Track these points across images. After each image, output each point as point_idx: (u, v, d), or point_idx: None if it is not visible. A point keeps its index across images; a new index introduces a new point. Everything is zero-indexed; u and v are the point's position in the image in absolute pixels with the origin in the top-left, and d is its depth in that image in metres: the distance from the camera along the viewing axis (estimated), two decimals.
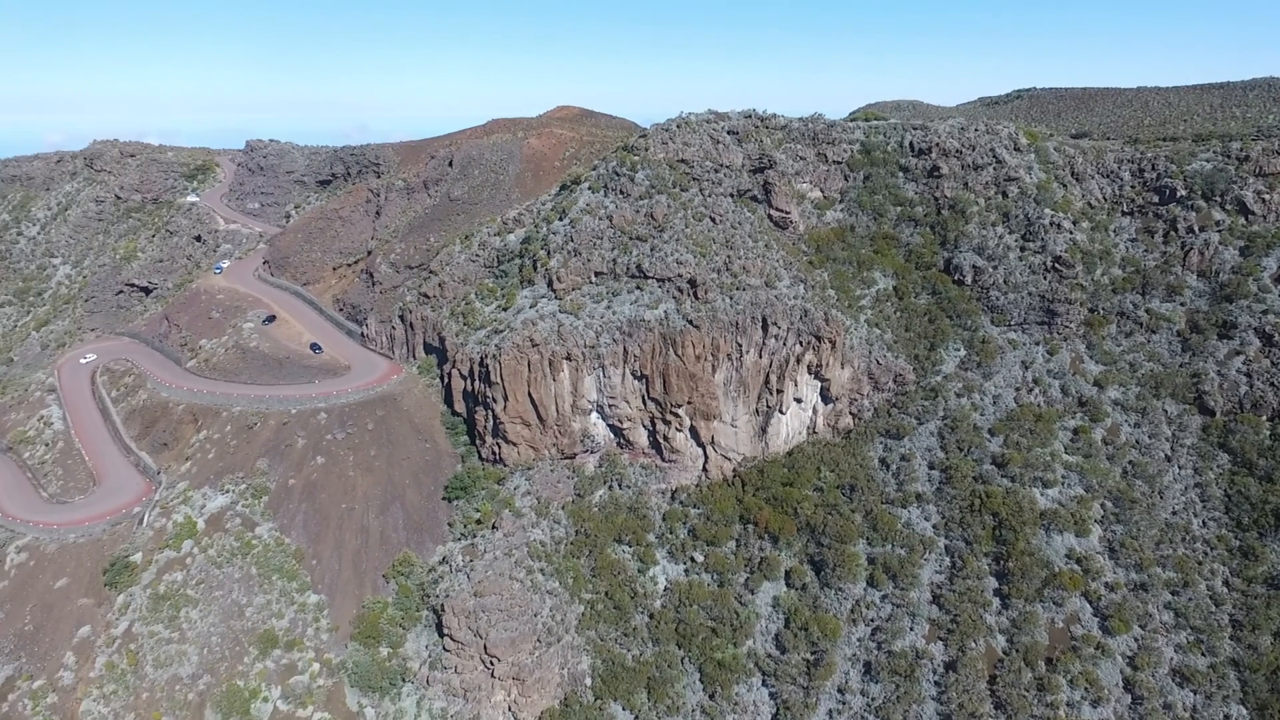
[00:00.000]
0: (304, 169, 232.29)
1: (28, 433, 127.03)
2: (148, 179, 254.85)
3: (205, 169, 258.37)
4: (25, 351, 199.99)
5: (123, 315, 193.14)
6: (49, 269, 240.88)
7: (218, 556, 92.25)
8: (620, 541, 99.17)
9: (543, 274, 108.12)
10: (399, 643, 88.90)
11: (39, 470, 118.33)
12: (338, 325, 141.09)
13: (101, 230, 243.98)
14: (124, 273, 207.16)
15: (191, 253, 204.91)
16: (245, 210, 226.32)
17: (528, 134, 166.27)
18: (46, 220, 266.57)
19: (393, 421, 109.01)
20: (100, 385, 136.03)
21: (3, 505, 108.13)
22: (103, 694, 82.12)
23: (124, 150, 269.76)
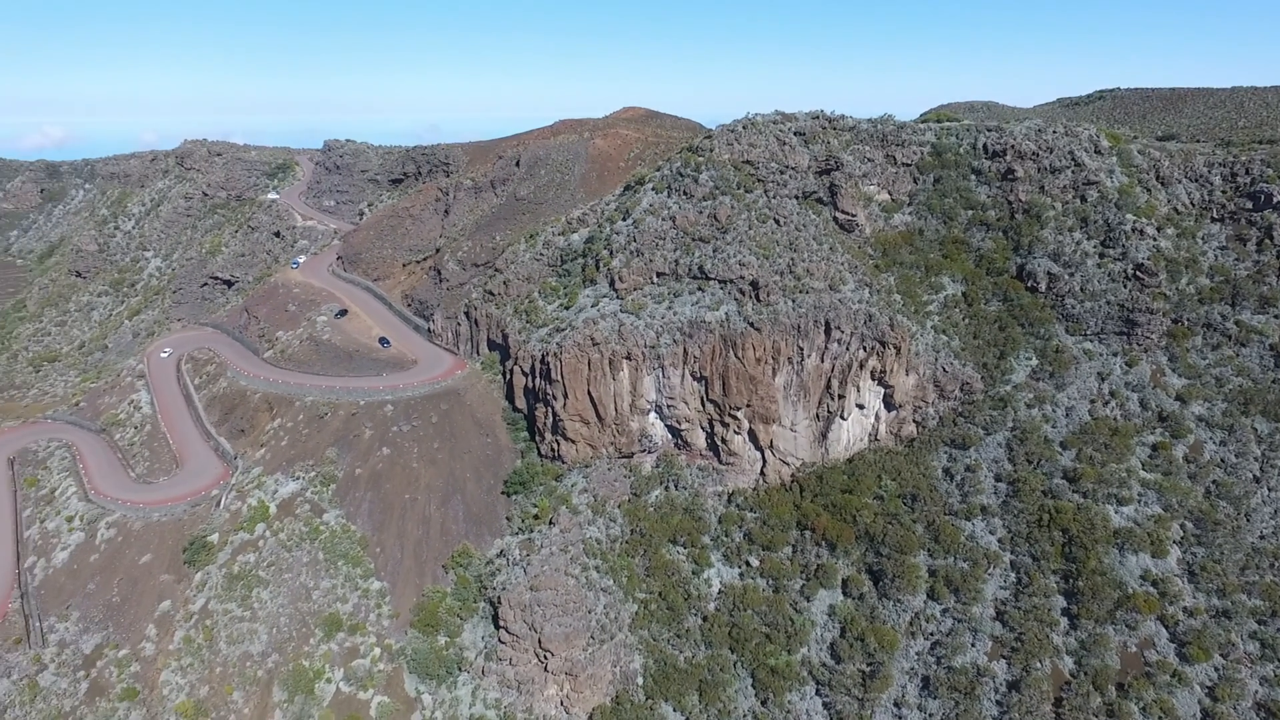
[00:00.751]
0: (377, 168, 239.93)
1: (119, 415, 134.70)
2: (232, 177, 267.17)
3: (286, 167, 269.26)
4: (119, 339, 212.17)
5: (206, 306, 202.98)
6: (142, 261, 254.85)
7: (288, 540, 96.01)
8: (675, 542, 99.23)
9: (605, 274, 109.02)
10: (456, 632, 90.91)
11: (128, 451, 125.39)
12: (406, 320, 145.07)
13: (189, 225, 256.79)
14: (209, 266, 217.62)
15: (271, 248, 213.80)
16: (322, 207, 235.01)
17: (594, 134, 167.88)
18: (141, 215, 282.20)
19: (456, 416, 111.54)
20: (185, 372, 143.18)
21: (96, 483, 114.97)
22: (180, 666, 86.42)
23: (211, 149, 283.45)
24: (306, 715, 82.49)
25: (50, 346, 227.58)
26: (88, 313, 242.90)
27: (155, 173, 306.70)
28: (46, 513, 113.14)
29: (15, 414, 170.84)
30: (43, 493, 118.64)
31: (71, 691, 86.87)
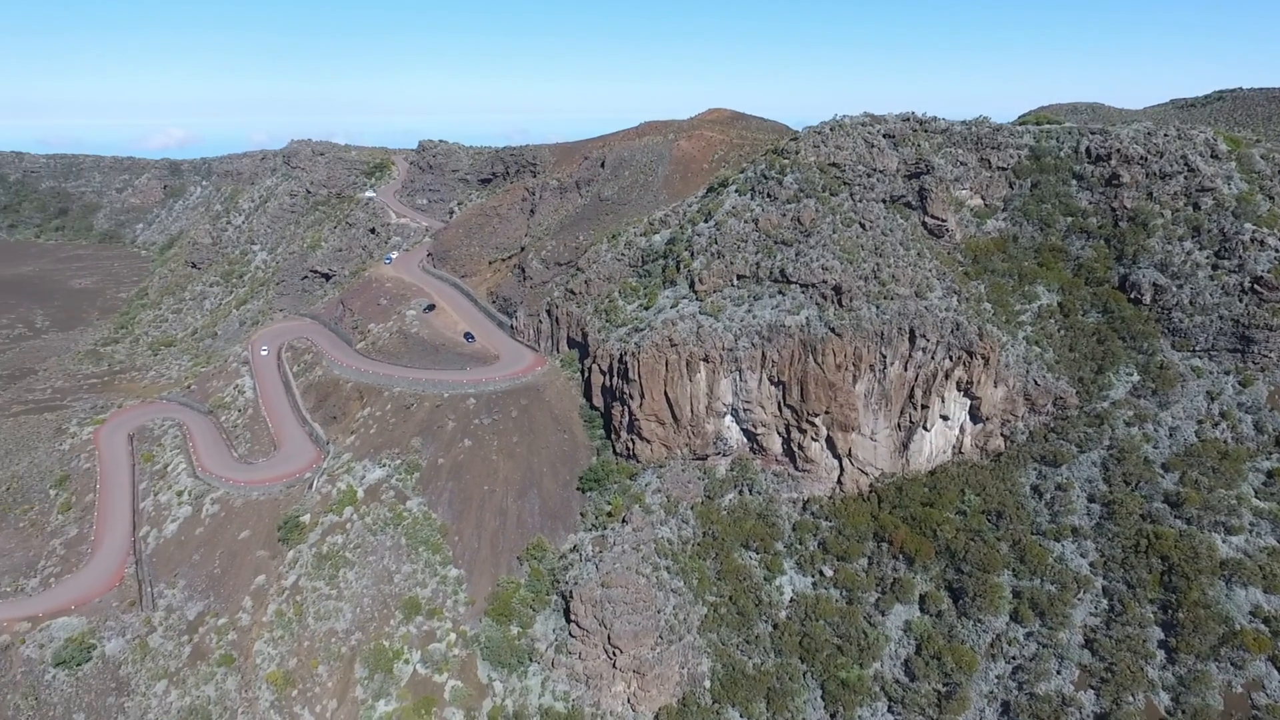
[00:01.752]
0: (468, 168, 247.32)
1: (225, 399, 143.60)
2: (333, 175, 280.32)
3: (382, 167, 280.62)
4: (227, 327, 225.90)
5: (306, 298, 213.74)
6: (250, 254, 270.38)
7: (373, 524, 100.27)
8: (747, 547, 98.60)
9: (685, 275, 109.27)
10: (528, 623, 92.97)
11: (232, 432, 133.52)
12: (490, 316, 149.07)
13: (293, 221, 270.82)
14: (309, 260, 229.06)
15: (366, 244, 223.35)
16: (414, 205, 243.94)
17: (678, 136, 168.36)
18: (250, 211, 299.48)
19: (535, 411, 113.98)
20: (284, 361, 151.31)
21: (203, 461, 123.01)
22: (272, 638, 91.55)
23: (315, 149, 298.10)
24: (385, 693, 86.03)
25: (167, 332, 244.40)
26: (201, 301, 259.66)
27: (264, 171, 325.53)
28: (159, 486, 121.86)
29: (135, 393, 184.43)
30: (157, 467, 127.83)
31: (176, 654, 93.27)
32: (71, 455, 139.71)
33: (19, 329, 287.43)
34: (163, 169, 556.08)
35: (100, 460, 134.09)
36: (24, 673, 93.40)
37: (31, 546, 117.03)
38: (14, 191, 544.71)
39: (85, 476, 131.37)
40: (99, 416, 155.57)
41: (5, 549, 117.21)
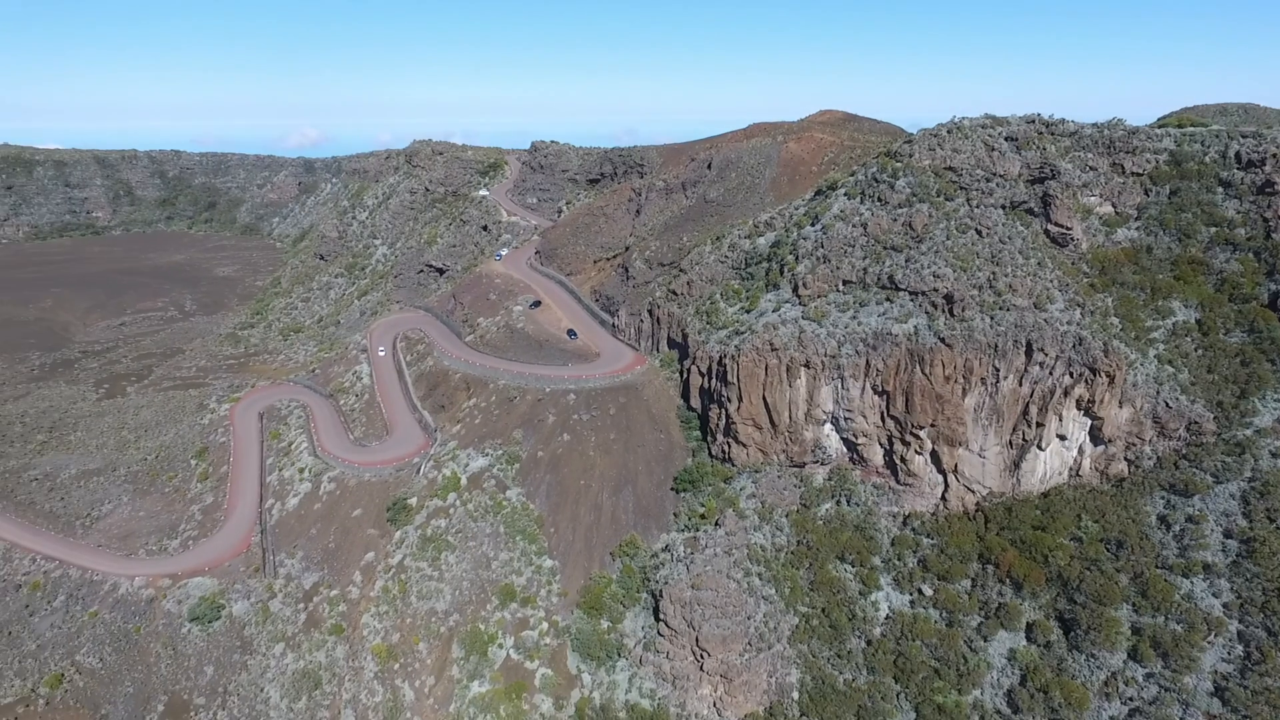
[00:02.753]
0: (577, 168, 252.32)
1: (344, 384, 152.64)
2: (450, 174, 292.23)
3: (496, 166, 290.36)
4: (349, 316, 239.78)
5: (421, 291, 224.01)
6: (372, 248, 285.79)
7: (474, 511, 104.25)
8: (843, 559, 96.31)
9: (789, 279, 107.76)
10: (618, 619, 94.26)
11: (349, 416, 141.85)
12: (592, 314, 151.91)
13: (412, 217, 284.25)
14: (425, 255, 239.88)
15: (478, 240, 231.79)
16: (525, 204, 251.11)
17: (787, 138, 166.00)
18: (374, 207, 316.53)
19: (633, 409, 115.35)
20: (399, 350, 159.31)
21: (323, 441, 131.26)
22: (378, 612, 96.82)
23: (434, 149, 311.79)
24: (479, 674, 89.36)
25: (296, 319, 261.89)
26: (326, 291, 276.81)
27: (388, 169, 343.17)
28: (284, 462, 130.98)
29: (267, 375, 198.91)
30: (283, 445, 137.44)
31: (293, 620, 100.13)
32: (210, 429, 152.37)
33: (171, 311, 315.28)
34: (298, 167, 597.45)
35: (234, 435, 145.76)
36: (164, 624, 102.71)
37: (174, 510, 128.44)
38: (172, 186, 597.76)
39: (221, 449, 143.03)
40: (235, 395, 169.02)
41: (153, 511, 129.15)
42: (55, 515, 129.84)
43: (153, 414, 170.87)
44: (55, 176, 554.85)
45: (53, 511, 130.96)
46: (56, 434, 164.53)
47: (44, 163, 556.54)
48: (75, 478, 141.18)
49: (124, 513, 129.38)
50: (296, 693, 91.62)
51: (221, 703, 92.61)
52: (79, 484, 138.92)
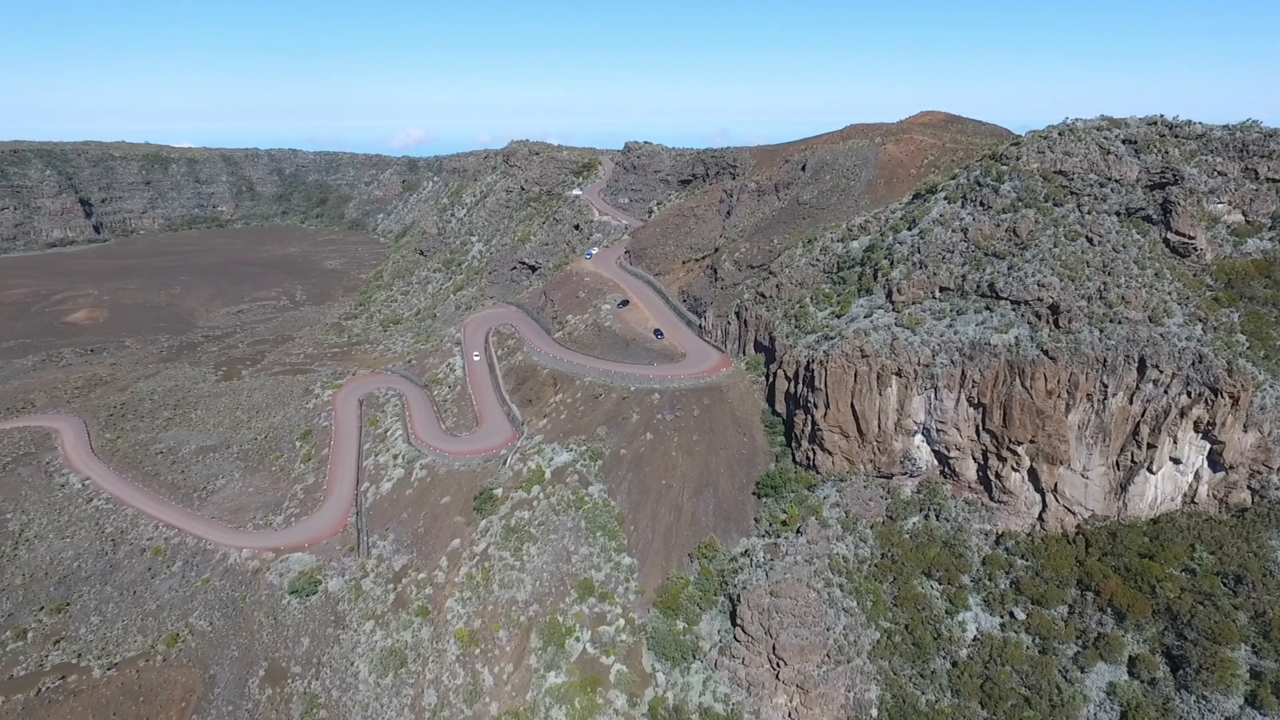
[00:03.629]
0: (669, 169, 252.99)
1: (438, 375, 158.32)
2: (545, 174, 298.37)
3: (590, 166, 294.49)
4: (445, 310, 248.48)
5: (513, 288, 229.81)
6: (468, 245, 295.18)
7: (557, 505, 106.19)
8: (929, 576, 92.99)
9: (882, 284, 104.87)
10: (695, 620, 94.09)
11: (442, 406, 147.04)
12: (679, 315, 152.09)
13: (507, 215, 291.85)
14: (518, 252, 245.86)
15: (570, 239, 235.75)
16: (616, 204, 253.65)
17: (885, 140, 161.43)
18: (471, 205, 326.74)
19: (716, 411, 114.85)
20: (490, 344, 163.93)
21: (416, 430, 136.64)
22: (461, 597, 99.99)
23: (531, 149, 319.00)
24: (556, 665, 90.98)
25: (396, 311, 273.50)
26: (425, 285, 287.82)
27: (486, 168, 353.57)
28: (380, 448, 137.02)
29: (367, 363, 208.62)
30: (379, 431, 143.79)
31: (383, 599, 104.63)
32: (315, 413, 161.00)
33: (283, 301, 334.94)
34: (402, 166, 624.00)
35: (336, 420, 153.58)
36: (267, 595, 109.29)
37: (279, 488, 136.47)
38: (288, 183, 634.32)
39: (324, 433, 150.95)
40: (337, 381, 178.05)
41: (261, 488, 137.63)
42: (176, 486, 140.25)
43: (264, 397, 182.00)
44: (187, 173, 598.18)
45: (174, 483, 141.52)
46: (180, 411, 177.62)
47: (178, 160, 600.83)
48: (194, 453, 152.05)
49: (235, 488, 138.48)
50: (383, 669, 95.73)
51: (315, 673, 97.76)
52: (197, 459, 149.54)
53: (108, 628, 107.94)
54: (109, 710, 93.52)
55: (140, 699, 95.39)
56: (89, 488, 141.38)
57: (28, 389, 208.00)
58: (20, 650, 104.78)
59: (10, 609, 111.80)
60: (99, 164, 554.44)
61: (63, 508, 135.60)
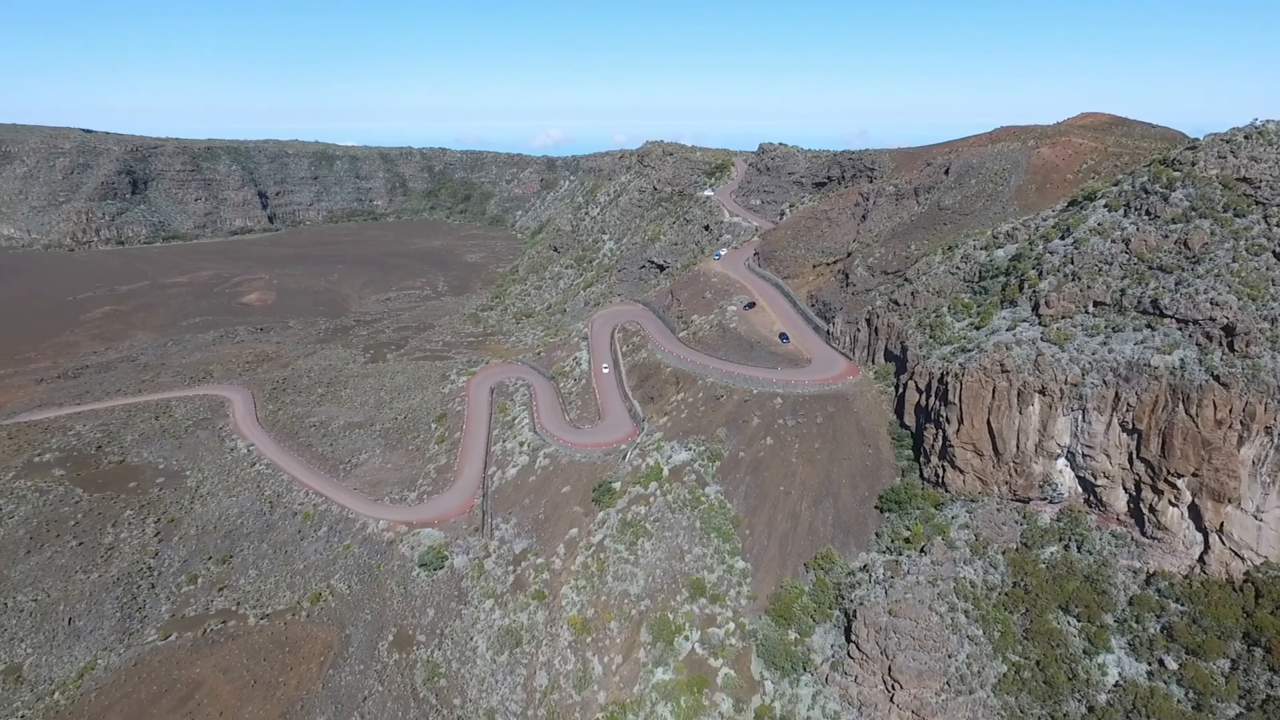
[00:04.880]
0: (804, 171, 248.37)
1: (565, 368, 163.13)
2: (678, 174, 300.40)
3: (723, 168, 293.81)
4: (574, 305, 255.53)
5: (641, 286, 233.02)
6: (600, 243, 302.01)
7: (673, 503, 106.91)
8: (1066, 611, 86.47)
9: (1029, 296, 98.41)
10: (807, 632, 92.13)
11: (566, 398, 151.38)
12: (807, 319, 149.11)
13: (639, 214, 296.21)
14: (648, 251, 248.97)
15: (699, 239, 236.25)
16: (748, 206, 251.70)
17: (1039, 143, 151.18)
18: (605, 204, 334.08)
19: (840, 420, 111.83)
20: (616, 341, 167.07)
21: (542, 420, 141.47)
22: (576, 585, 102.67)
23: (665, 150, 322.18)
24: (664, 662, 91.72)
25: (528, 305, 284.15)
26: (556, 281, 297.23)
27: (620, 168, 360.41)
28: (507, 435, 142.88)
29: (499, 354, 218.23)
30: (507, 419, 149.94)
31: (502, 580, 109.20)
32: (449, 398, 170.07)
33: (426, 291, 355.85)
34: (541, 165, 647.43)
35: (468, 405, 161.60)
36: (399, 565, 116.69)
37: (414, 466, 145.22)
38: (436, 180, 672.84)
39: (456, 417, 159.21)
40: (471, 369, 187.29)
41: (398, 465, 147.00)
42: (325, 458, 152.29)
43: (405, 380, 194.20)
44: (349, 169, 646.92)
45: (323, 454, 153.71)
46: (331, 389, 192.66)
47: (342, 157, 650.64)
48: (342, 428, 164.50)
49: (376, 463, 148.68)
50: (500, 647, 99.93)
51: (438, 643, 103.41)
52: (344, 434, 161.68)
53: (263, 581, 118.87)
54: (260, 656, 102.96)
55: (286, 649, 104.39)
56: (253, 453, 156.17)
57: (207, 361, 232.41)
58: (191, 593, 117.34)
59: (186, 555, 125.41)
60: (275, 160, 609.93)
61: (231, 469, 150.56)
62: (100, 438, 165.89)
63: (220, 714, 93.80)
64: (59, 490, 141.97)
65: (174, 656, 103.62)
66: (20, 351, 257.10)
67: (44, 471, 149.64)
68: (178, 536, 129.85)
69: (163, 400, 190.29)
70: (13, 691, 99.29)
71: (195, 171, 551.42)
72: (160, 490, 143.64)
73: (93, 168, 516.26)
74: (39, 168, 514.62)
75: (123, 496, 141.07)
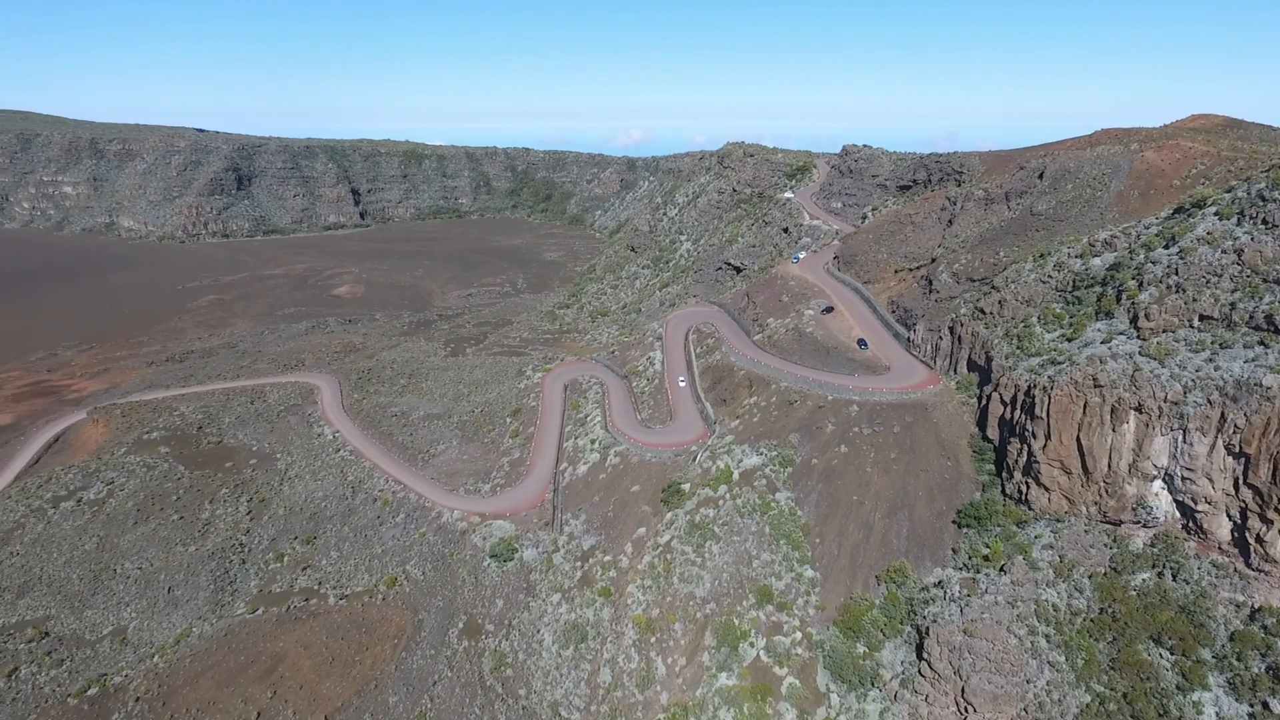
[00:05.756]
0: (888, 174, 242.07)
1: (638, 367, 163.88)
2: (758, 176, 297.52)
3: (804, 170, 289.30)
4: (649, 305, 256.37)
5: (716, 288, 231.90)
6: (677, 243, 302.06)
7: (742, 507, 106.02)
8: (1159, 643, 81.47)
9: (1126, 307, 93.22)
10: (876, 646, 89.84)
11: (639, 397, 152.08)
12: (886, 326, 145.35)
13: (717, 216, 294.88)
14: (724, 253, 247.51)
15: (778, 242, 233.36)
16: (829, 208, 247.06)
17: (1143, 146, 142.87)
18: (683, 205, 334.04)
19: (918, 430, 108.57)
20: (690, 342, 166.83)
21: (613, 418, 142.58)
22: (642, 585, 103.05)
23: (746, 151, 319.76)
24: (728, 667, 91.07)
25: (604, 304, 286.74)
26: (633, 281, 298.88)
27: (700, 169, 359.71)
28: (579, 432, 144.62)
29: (574, 351, 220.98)
30: (580, 416, 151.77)
31: (570, 575, 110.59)
32: (524, 393, 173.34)
33: (506, 288, 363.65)
34: (621, 165, 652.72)
35: (542, 401, 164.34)
36: (471, 555, 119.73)
37: (489, 459, 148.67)
38: (519, 179, 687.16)
39: (531, 412, 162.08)
40: (547, 366, 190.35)
41: (473, 456, 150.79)
42: (404, 447, 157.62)
43: (483, 374, 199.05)
44: (436, 168, 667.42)
45: (403, 443, 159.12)
46: (413, 381, 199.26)
47: (430, 157, 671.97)
48: (421, 419, 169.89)
49: (452, 454, 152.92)
50: (565, 641, 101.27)
51: (506, 633, 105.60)
52: (424, 424, 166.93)
53: (343, 563, 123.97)
54: (339, 634, 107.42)
55: (363, 629, 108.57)
56: (338, 439, 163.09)
57: (300, 350, 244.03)
58: (278, 570, 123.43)
59: (274, 534, 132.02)
60: (368, 159, 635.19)
61: (317, 454, 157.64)
62: (201, 419, 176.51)
63: (300, 687, 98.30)
64: (164, 466, 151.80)
65: (260, 629, 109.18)
66: (135, 335, 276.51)
67: (151, 448, 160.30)
68: (267, 516, 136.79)
69: (258, 386, 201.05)
70: (118, 651, 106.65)
71: (294, 169, 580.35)
72: (253, 471, 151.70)
73: (203, 165, 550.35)
74: (157, 165, 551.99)
75: (219, 475, 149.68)
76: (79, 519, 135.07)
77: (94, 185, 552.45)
